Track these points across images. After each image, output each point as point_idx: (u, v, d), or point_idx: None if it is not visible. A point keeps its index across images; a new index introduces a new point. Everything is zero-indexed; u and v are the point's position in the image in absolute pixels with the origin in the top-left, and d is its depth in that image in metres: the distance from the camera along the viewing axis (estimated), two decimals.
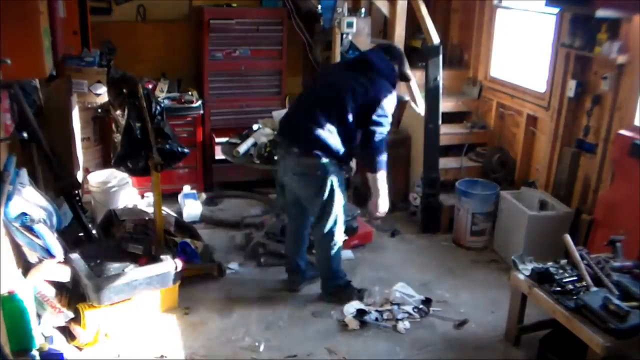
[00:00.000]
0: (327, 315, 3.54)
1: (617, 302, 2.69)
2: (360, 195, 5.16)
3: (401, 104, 5.18)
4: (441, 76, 4.55)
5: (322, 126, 3.22)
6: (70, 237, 3.61)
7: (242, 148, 4.02)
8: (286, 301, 3.66)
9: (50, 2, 3.55)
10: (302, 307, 3.61)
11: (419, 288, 3.84)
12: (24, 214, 2.93)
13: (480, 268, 4.18)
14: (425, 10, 4.78)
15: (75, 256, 3.35)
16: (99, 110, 4.58)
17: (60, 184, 3.61)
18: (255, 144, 4.04)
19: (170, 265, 3.42)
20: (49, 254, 3.11)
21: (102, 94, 4.35)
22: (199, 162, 5.15)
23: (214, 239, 4.37)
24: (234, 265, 4.03)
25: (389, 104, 3.29)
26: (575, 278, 3.00)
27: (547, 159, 4.38)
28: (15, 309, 2.61)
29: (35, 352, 2.66)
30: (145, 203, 4.67)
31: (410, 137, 4.94)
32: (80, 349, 3.10)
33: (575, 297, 2.84)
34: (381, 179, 3.35)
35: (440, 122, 4.62)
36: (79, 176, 4.25)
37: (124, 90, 3.75)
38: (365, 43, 5.21)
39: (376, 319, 3.44)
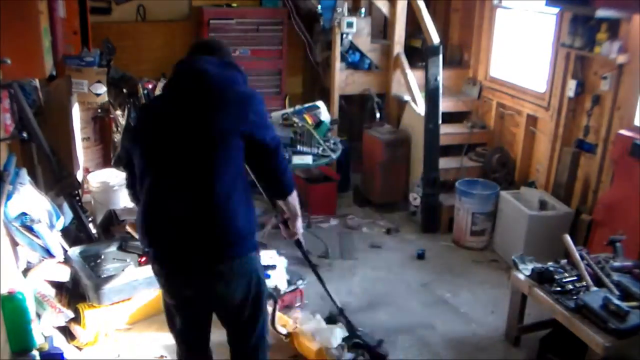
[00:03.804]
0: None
1: (617, 302, 2.69)
2: (360, 195, 5.16)
3: (401, 104, 5.19)
4: (441, 76, 4.55)
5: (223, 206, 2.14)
6: (70, 237, 3.61)
7: None
8: None
9: (50, 2, 3.54)
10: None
11: (419, 288, 3.84)
12: (24, 214, 2.93)
13: (480, 268, 4.18)
14: (425, 10, 4.78)
15: (75, 256, 3.36)
16: (99, 110, 4.58)
17: (60, 184, 3.61)
18: None
19: None
20: (49, 254, 3.11)
21: (102, 94, 4.35)
22: None
23: None
24: None
25: (257, 102, 2.21)
26: (575, 278, 3.01)
27: (547, 159, 4.38)
28: (15, 309, 2.61)
29: (35, 352, 2.66)
30: None
31: (410, 137, 4.94)
32: (80, 349, 3.10)
33: (575, 297, 2.84)
34: (294, 196, 2.42)
35: (440, 122, 4.62)
36: (79, 176, 4.25)
37: (124, 90, 3.76)
38: (365, 43, 5.22)
39: None
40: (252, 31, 5.15)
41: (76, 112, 4.42)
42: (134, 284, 3.25)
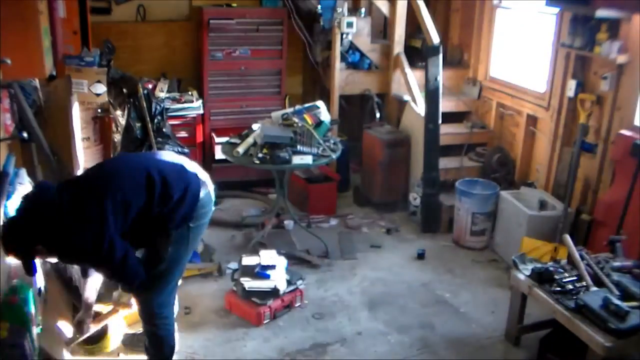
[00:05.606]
0: (329, 315, 3.54)
1: (617, 302, 2.70)
2: (360, 195, 5.16)
3: (401, 104, 5.19)
4: (441, 76, 4.55)
5: None
6: None
7: (242, 148, 4.02)
8: None
9: (50, 2, 3.54)
10: (302, 307, 3.61)
11: (419, 288, 3.84)
12: None
13: (480, 268, 4.18)
14: (425, 10, 4.78)
15: None
16: (99, 110, 4.57)
17: None
18: (255, 144, 4.04)
19: None
20: None
21: (102, 94, 4.34)
22: (199, 162, 5.14)
23: (214, 239, 4.37)
24: (233, 265, 4.02)
25: None
26: (575, 278, 3.01)
27: (547, 159, 4.38)
28: (15, 309, 2.60)
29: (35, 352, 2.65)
30: None
31: (410, 137, 4.94)
32: (80, 349, 3.10)
33: (575, 297, 2.85)
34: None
35: (440, 122, 4.62)
36: None
37: (124, 90, 3.76)
38: (365, 43, 5.22)
39: None
40: (252, 31, 5.15)
41: (76, 112, 4.41)
42: None
